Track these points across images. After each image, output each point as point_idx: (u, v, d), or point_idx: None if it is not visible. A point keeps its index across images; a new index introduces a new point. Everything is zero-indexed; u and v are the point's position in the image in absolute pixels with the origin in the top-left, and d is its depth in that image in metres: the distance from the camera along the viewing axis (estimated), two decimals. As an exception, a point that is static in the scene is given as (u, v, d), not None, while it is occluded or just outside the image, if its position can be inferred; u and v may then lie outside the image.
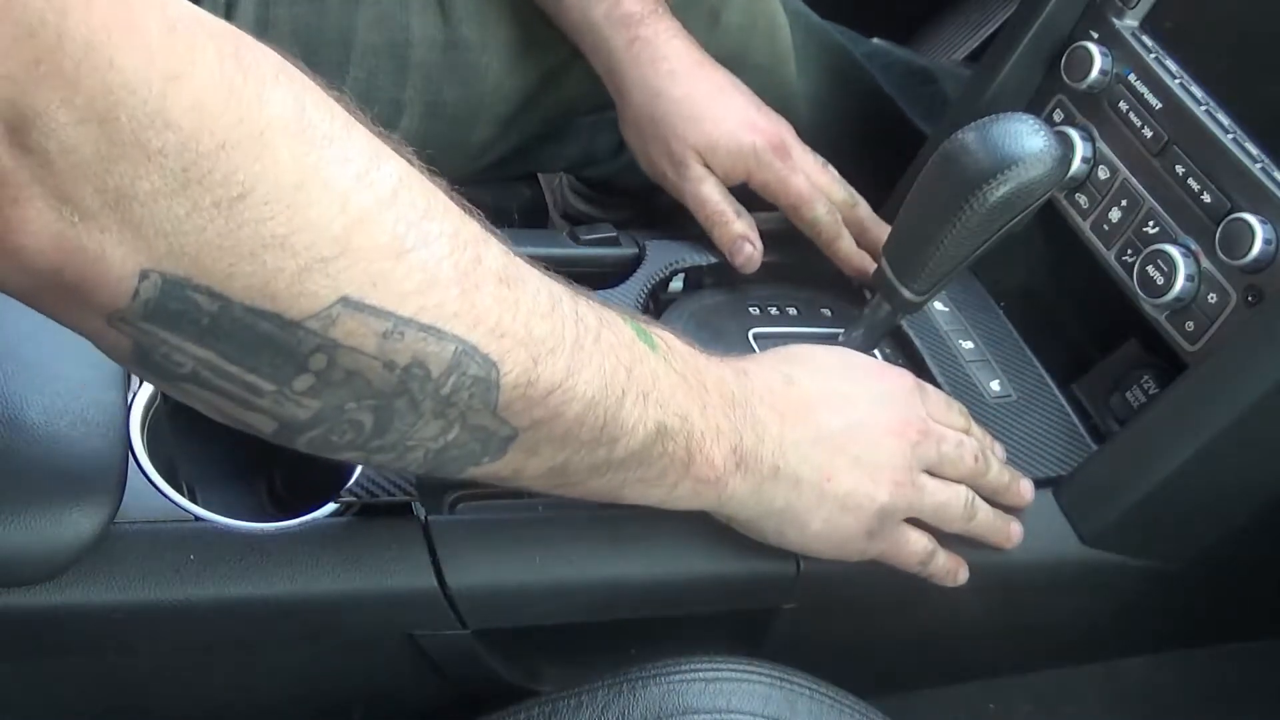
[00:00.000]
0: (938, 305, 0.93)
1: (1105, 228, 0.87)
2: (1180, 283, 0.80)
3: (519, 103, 1.00)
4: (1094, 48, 0.89)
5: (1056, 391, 0.89)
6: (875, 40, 1.26)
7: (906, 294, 0.80)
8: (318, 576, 0.65)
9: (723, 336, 0.86)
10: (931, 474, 0.74)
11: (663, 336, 0.64)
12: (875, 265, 0.90)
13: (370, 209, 0.48)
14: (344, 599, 0.66)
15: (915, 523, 0.75)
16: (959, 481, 0.75)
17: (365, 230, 0.48)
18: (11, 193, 0.43)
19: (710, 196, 0.91)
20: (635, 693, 0.65)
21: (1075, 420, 0.87)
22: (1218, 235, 0.79)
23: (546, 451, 0.57)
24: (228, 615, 0.64)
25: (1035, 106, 0.94)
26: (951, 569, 0.77)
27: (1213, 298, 0.80)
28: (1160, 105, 0.85)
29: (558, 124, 1.05)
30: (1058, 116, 0.92)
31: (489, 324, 0.52)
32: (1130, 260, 0.85)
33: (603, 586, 0.69)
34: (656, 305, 0.89)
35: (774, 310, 0.90)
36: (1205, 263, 0.81)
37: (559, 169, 1.11)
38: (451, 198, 0.53)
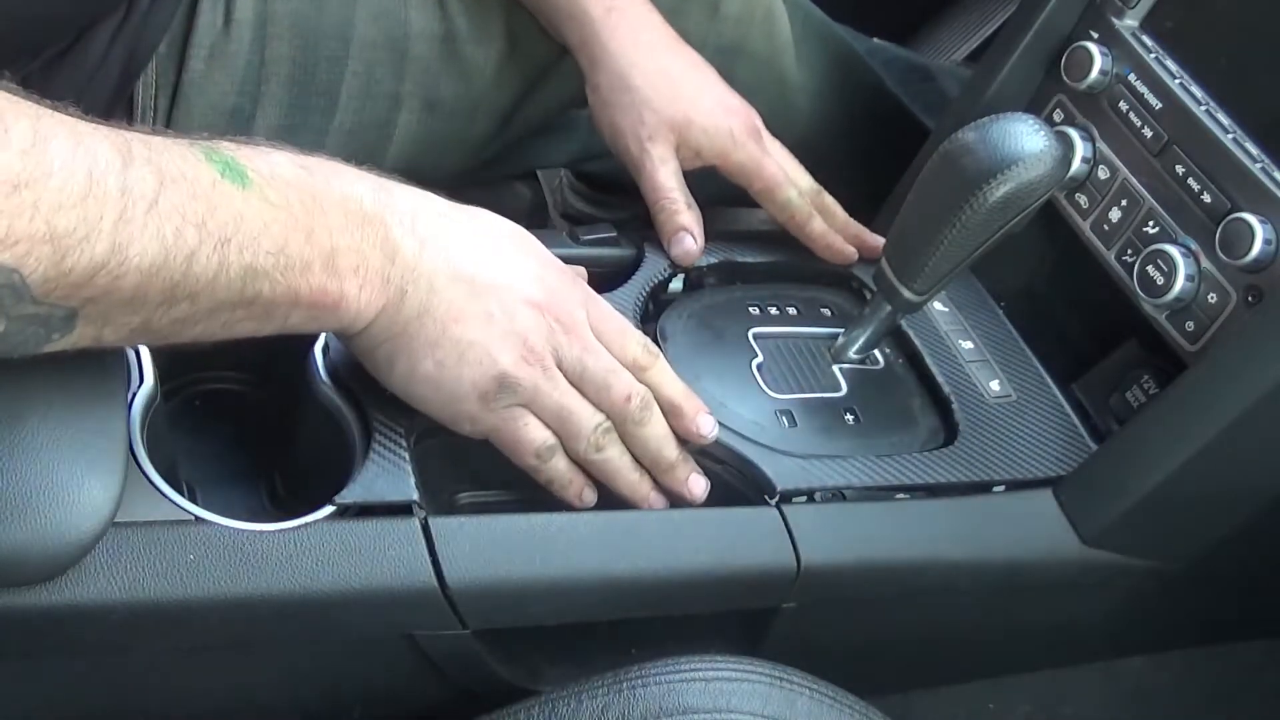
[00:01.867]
0: (938, 305, 0.93)
1: (1105, 228, 0.87)
2: (1180, 283, 0.80)
3: (517, 96, 1.00)
4: (1094, 48, 0.89)
5: (1056, 392, 0.89)
6: (874, 40, 1.26)
7: (907, 294, 0.80)
8: (318, 576, 0.65)
9: (723, 336, 0.86)
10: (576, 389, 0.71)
11: (265, 164, 0.61)
12: (847, 246, 0.92)
13: None
14: (344, 599, 0.66)
15: None
16: (606, 411, 0.72)
17: None
18: None
19: (666, 182, 0.91)
20: (635, 693, 0.65)
21: (1075, 420, 0.87)
22: (1218, 235, 0.79)
23: (120, 318, 0.57)
24: (228, 615, 0.64)
25: (1035, 106, 0.94)
26: (575, 482, 0.73)
27: (1213, 298, 0.80)
28: (1160, 105, 0.85)
29: (556, 118, 1.05)
30: (1058, 116, 0.92)
31: None
32: (1130, 260, 0.85)
33: (603, 586, 0.69)
34: (656, 305, 0.89)
35: (774, 310, 0.90)
36: (1205, 263, 0.81)
37: (559, 164, 1.11)
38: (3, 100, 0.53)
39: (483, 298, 0.68)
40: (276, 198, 0.61)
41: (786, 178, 0.92)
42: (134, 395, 0.68)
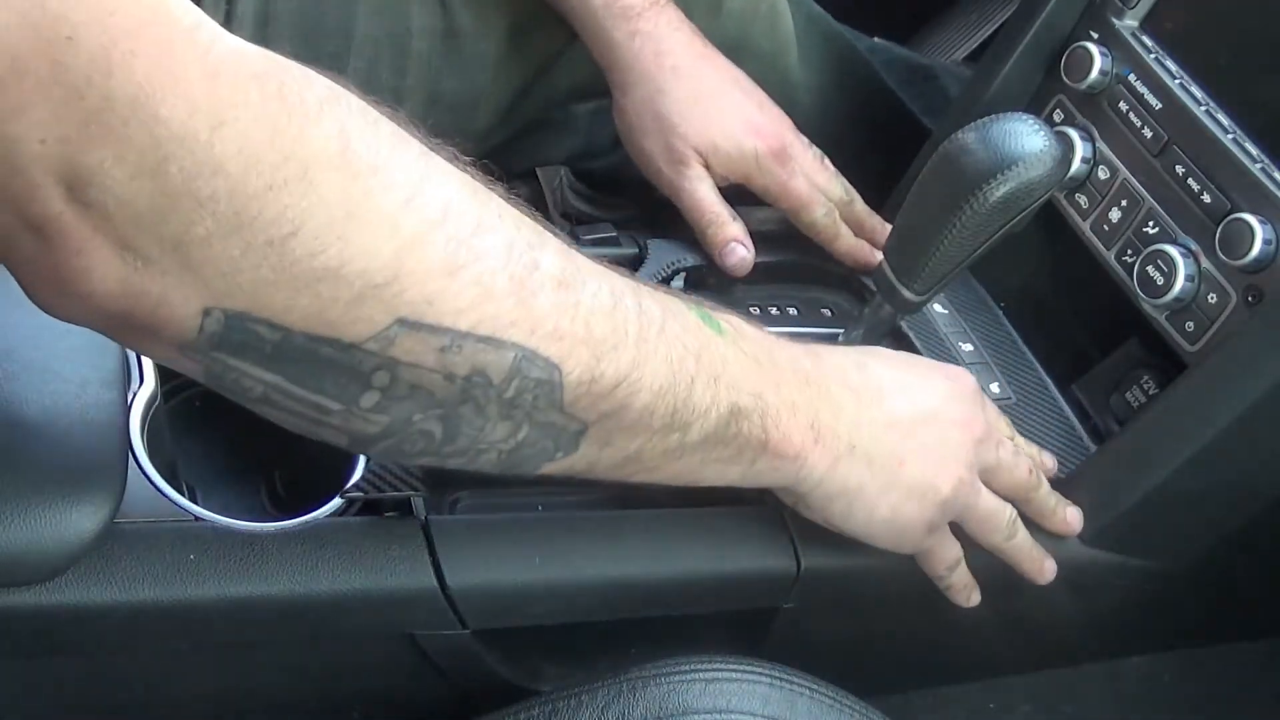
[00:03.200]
0: (937, 308, 0.93)
1: (1105, 228, 0.87)
2: (1180, 283, 0.80)
3: (518, 89, 1.00)
4: (1094, 48, 0.89)
5: (1056, 394, 0.89)
6: (875, 39, 1.26)
7: (907, 294, 0.80)
8: (317, 576, 0.65)
9: (723, 336, 0.86)
10: (985, 482, 0.75)
11: (729, 320, 0.65)
12: (876, 257, 0.91)
13: (420, 231, 0.50)
14: (344, 599, 0.66)
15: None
16: (1010, 492, 0.76)
17: (416, 253, 0.49)
18: (75, 245, 0.45)
19: (706, 197, 0.91)
20: (635, 693, 0.65)
21: (1074, 423, 0.87)
22: (1218, 235, 0.79)
23: (619, 441, 0.59)
24: (228, 615, 0.64)
25: (1035, 106, 0.94)
26: (968, 585, 0.78)
27: (1213, 298, 0.80)
28: (1160, 105, 0.85)
29: (558, 113, 1.05)
30: (1058, 116, 0.92)
31: (547, 328, 0.53)
32: (1130, 260, 0.85)
33: (603, 586, 0.69)
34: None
35: (774, 310, 0.90)
36: (1205, 263, 0.81)
37: (560, 160, 1.11)
38: (510, 201, 0.55)
39: (917, 434, 0.71)
40: (749, 348, 0.65)
41: (814, 195, 0.93)
42: (134, 395, 0.68)
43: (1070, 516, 0.80)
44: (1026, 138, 0.73)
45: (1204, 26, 0.87)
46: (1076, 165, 0.89)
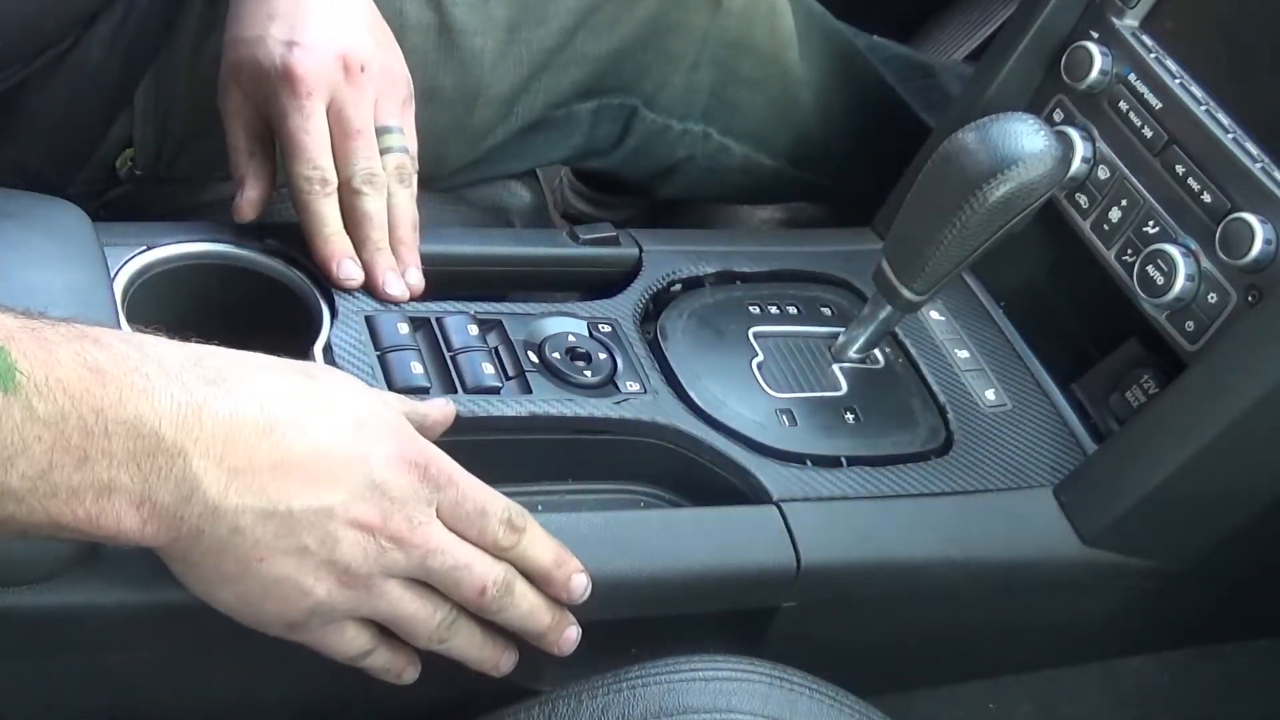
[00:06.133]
0: (934, 314, 0.93)
1: (1105, 228, 0.87)
2: (1180, 283, 0.80)
3: (516, 87, 1.00)
4: (1094, 48, 0.89)
5: (1052, 400, 0.89)
6: (876, 37, 1.26)
7: (907, 294, 0.80)
8: (318, 576, 0.65)
9: (723, 335, 0.86)
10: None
11: (38, 369, 0.52)
12: (344, 272, 0.80)
13: None
14: (344, 599, 0.66)
15: None
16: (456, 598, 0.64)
17: None
18: None
19: (230, 129, 0.82)
20: (635, 693, 0.65)
21: (1071, 429, 0.87)
22: (1218, 235, 0.79)
23: None
24: (227, 616, 0.64)
25: (1035, 106, 0.94)
26: (395, 667, 0.67)
27: (1213, 298, 0.80)
28: (1160, 105, 0.85)
29: (558, 113, 1.05)
30: (1058, 116, 0.92)
31: None
32: (1130, 260, 0.85)
33: (602, 586, 0.69)
34: (657, 305, 0.89)
35: (774, 310, 0.90)
36: (1205, 263, 0.81)
37: (560, 160, 1.11)
38: None
39: (297, 532, 0.58)
40: (46, 411, 0.52)
41: (316, 150, 0.79)
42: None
43: (561, 644, 0.68)
44: (1026, 138, 0.73)
45: (1204, 26, 0.87)
46: (1076, 165, 0.89)
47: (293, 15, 0.80)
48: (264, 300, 0.81)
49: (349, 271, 0.79)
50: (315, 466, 0.59)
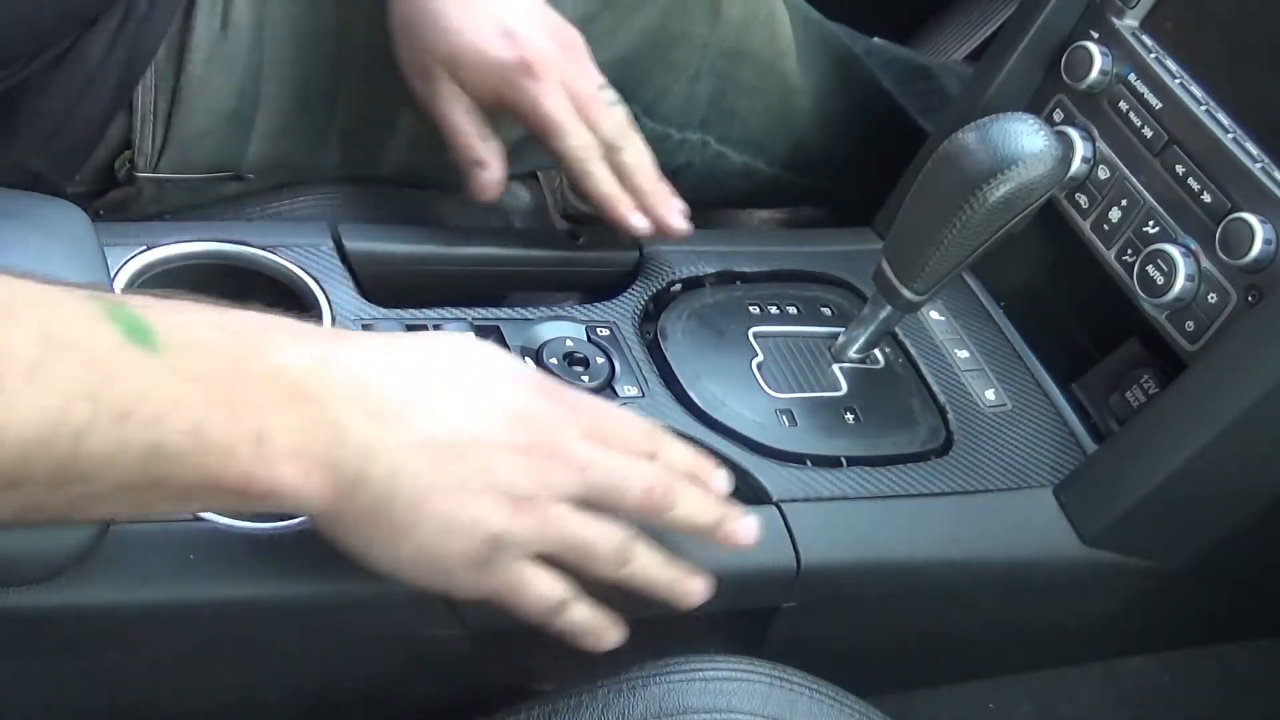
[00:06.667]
0: (933, 314, 0.93)
1: (1105, 228, 0.88)
2: (1180, 283, 0.81)
3: None
4: (1094, 48, 0.89)
5: (1053, 400, 0.89)
6: (874, 39, 1.26)
7: (907, 294, 0.80)
8: (318, 576, 0.65)
9: (723, 335, 0.86)
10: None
11: (175, 331, 0.53)
12: (633, 218, 0.85)
13: None
14: (344, 599, 0.66)
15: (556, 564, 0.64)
16: (623, 511, 0.64)
17: None
18: None
19: (454, 120, 0.85)
20: (635, 693, 0.65)
21: (1071, 429, 0.87)
22: (1218, 235, 0.79)
23: (5, 496, 0.51)
24: (228, 615, 0.64)
25: (1035, 106, 0.94)
26: (594, 627, 0.66)
27: (1213, 298, 0.80)
28: (1160, 105, 0.85)
29: None
30: (1058, 116, 0.92)
31: None
32: (1130, 260, 0.85)
33: (602, 586, 0.69)
34: (657, 305, 0.89)
35: (774, 309, 0.90)
36: (1205, 263, 0.81)
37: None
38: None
39: (453, 462, 0.59)
40: (192, 368, 0.53)
41: (566, 122, 0.83)
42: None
43: (738, 530, 0.68)
44: (1026, 138, 0.73)
45: (1204, 26, 0.87)
46: (1076, 165, 0.89)
47: (486, 1, 0.84)
48: (264, 300, 0.81)
49: (641, 222, 0.86)
50: (452, 399, 0.60)
